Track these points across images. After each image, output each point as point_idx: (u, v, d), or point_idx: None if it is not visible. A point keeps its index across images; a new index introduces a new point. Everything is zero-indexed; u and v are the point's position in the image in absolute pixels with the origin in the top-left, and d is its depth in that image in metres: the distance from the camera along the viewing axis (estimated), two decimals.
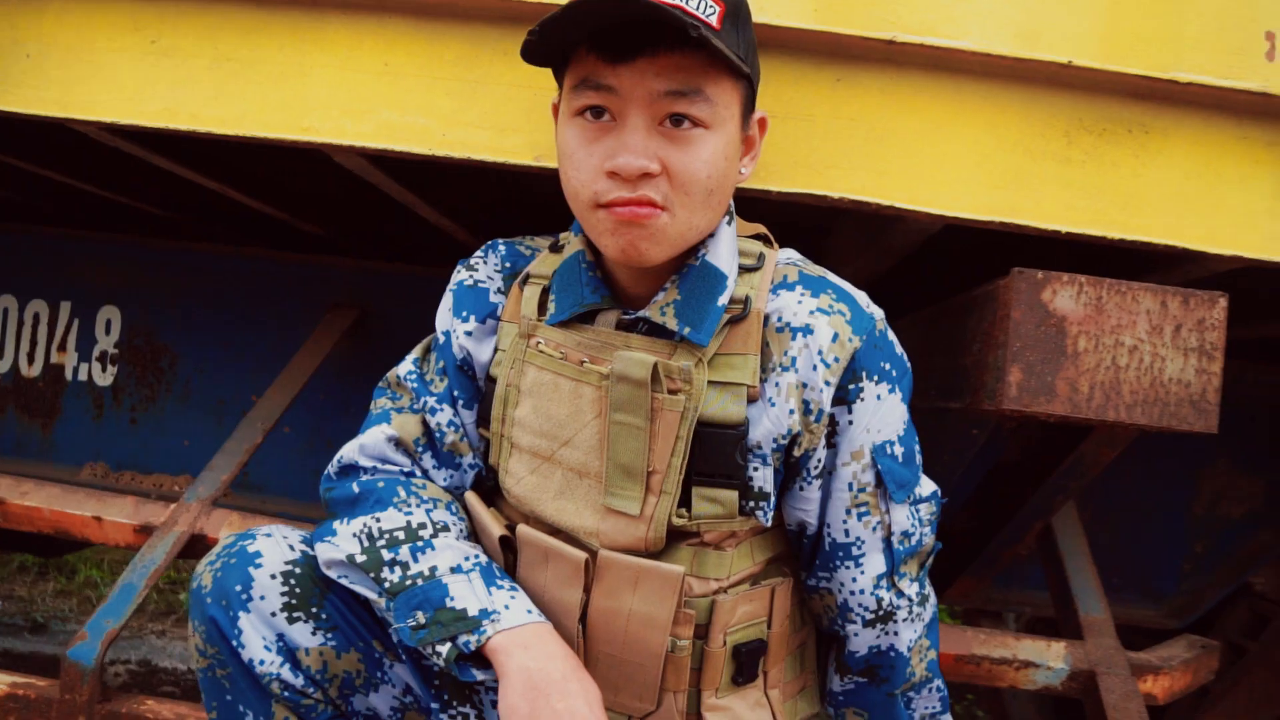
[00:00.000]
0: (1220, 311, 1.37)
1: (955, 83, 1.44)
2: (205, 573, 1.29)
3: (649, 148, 1.14)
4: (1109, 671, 1.68)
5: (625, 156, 1.13)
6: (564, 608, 1.26)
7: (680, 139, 1.15)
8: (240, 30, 1.50)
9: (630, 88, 1.13)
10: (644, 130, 1.14)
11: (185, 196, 2.34)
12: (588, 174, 1.16)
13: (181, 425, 2.41)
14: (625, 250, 1.17)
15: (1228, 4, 1.40)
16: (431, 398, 1.36)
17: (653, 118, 1.14)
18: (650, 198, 1.14)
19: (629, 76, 1.13)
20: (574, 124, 1.18)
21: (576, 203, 1.20)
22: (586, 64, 1.15)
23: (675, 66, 1.13)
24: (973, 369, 1.50)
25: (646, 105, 1.14)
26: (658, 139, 1.15)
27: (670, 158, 1.14)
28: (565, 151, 1.19)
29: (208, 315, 2.41)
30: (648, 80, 1.13)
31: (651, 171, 1.13)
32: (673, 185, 1.15)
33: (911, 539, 1.30)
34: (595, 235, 1.21)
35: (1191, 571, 2.37)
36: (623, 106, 1.15)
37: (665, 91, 1.13)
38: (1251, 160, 1.45)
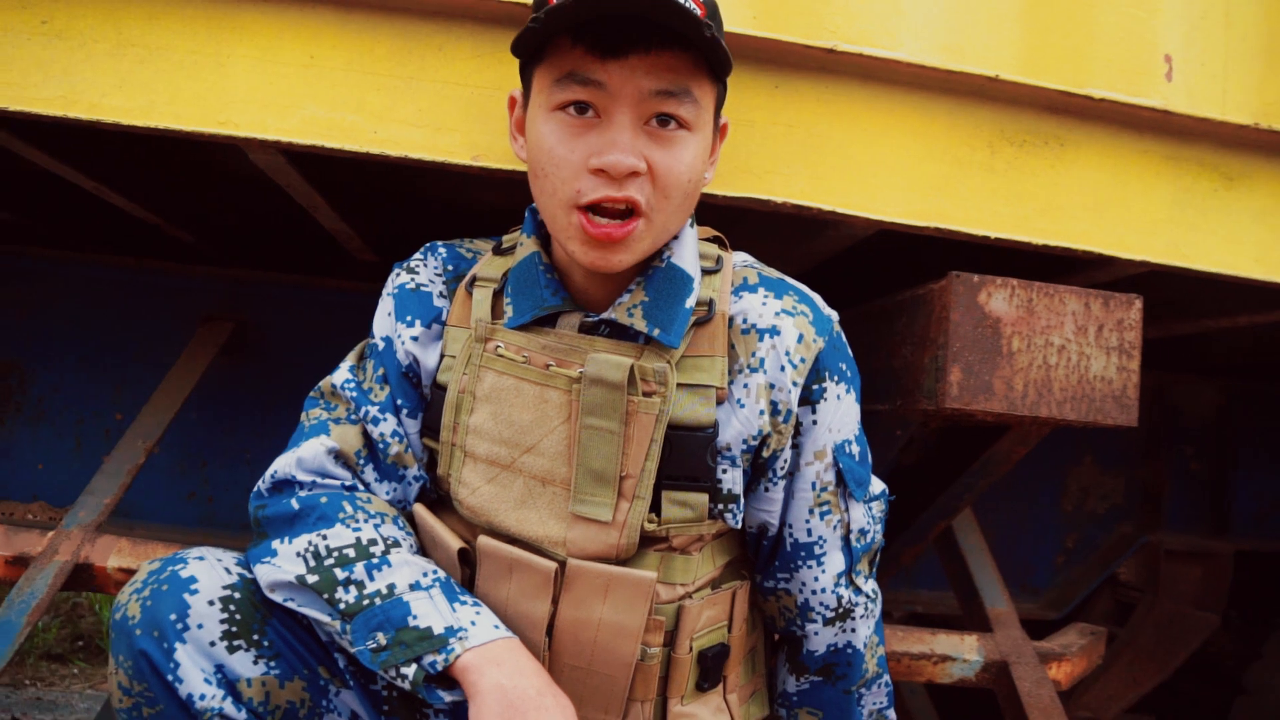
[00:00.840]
0: (1136, 312, 1.46)
1: (888, 92, 1.48)
2: (131, 601, 1.18)
3: (636, 146, 1.12)
4: (1019, 661, 1.75)
5: (615, 154, 1.10)
6: (529, 621, 1.21)
7: (665, 139, 1.14)
8: (146, 15, 1.39)
9: (620, 85, 1.11)
10: (631, 129, 1.12)
11: (40, 199, 2.15)
12: (569, 171, 1.13)
13: (33, 448, 2.20)
14: (595, 263, 1.15)
15: (1132, 27, 1.50)
16: (373, 407, 1.29)
17: (639, 116, 1.13)
18: (634, 199, 1.12)
19: (619, 73, 1.11)
20: (554, 119, 1.14)
21: (552, 199, 1.16)
22: (572, 57, 1.12)
23: (665, 66, 1.11)
24: (904, 371, 1.54)
25: (635, 103, 1.12)
26: (643, 138, 1.13)
27: (655, 158, 1.13)
28: (542, 146, 1.15)
29: (63, 328, 2.22)
30: (638, 78, 1.11)
31: (639, 170, 1.11)
32: (655, 186, 1.14)
33: (867, 536, 1.32)
34: (564, 238, 1.17)
35: (1064, 565, 2.51)
36: (609, 103, 1.12)
37: (655, 91, 1.11)
38: (1153, 172, 1.55)
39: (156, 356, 2.20)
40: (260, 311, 2.23)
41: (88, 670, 3.84)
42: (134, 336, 2.23)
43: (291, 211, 2.00)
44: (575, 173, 1.13)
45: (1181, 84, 1.51)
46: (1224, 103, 1.53)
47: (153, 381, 2.07)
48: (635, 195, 1.12)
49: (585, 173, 1.12)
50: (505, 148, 1.42)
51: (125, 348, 2.22)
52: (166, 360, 2.14)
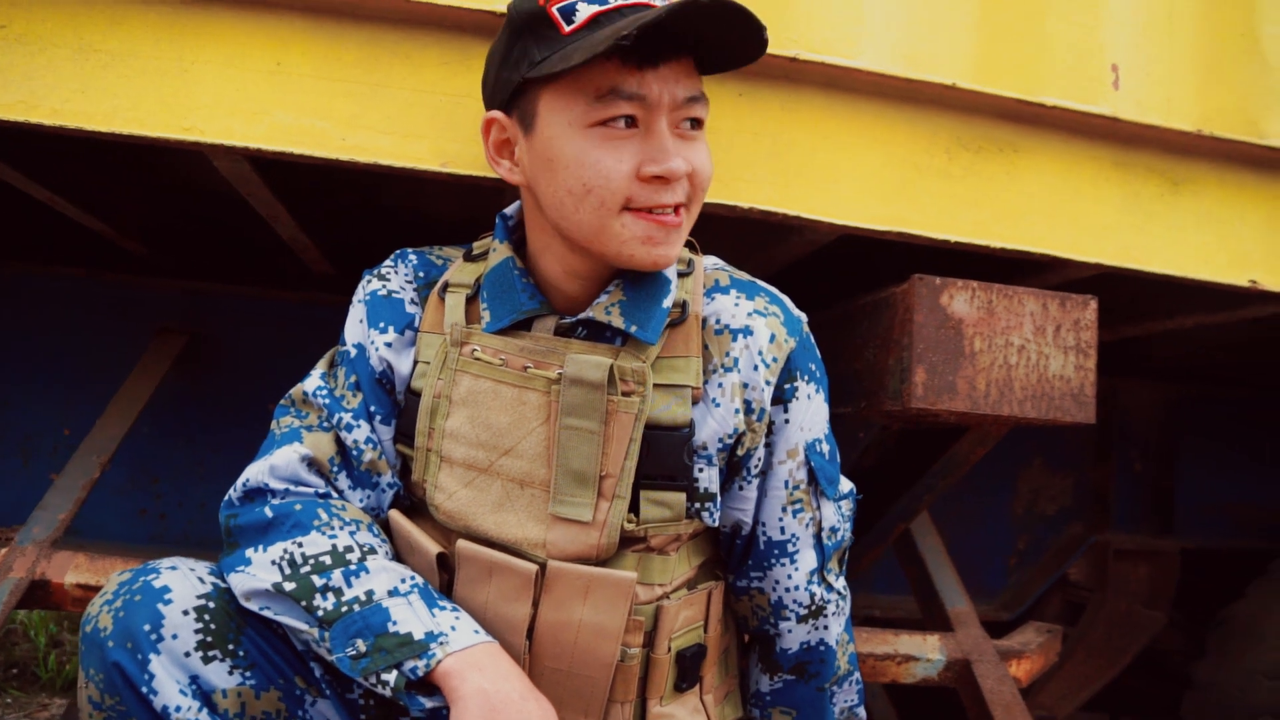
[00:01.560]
0: (1092, 313, 1.50)
1: (850, 100, 1.51)
2: (103, 613, 1.15)
3: (679, 150, 1.16)
4: (981, 659, 1.78)
5: (674, 161, 1.14)
6: (509, 624, 1.21)
7: (694, 140, 1.19)
8: (108, 20, 1.37)
9: (658, 94, 1.14)
10: (670, 135, 1.16)
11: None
12: (620, 181, 1.14)
13: None
14: (658, 260, 1.18)
15: (1080, 38, 1.55)
16: (346, 414, 1.28)
17: (673, 122, 1.16)
18: (682, 201, 1.17)
19: (657, 83, 1.14)
20: (593, 134, 1.14)
21: (598, 212, 1.15)
22: (607, 72, 1.12)
23: (687, 71, 1.17)
24: (867, 373, 1.57)
25: (670, 110, 1.16)
26: (679, 142, 1.17)
27: (691, 159, 1.17)
28: (585, 161, 1.14)
29: (9, 341, 2.17)
30: (671, 85, 1.14)
31: (689, 173, 1.16)
32: (691, 185, 1.18)
33: (837, 534, 1.34)
34: (616, 244, 1.17)
35: (1017, 566, 2.56)
36: (649, 113, 1.15)
37: (686, 97, 1.16)
38: (1103, 178, 1.60)
39: (107, 370, 2.16)
40: (215, 323, 2.21)
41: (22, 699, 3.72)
42: (84, 349, 2.19)
43: (247, 223, 1.98)
44: (626, 181, 1.14)
45: (1128, 92, 1.56)
46: (1169, 110, 1.59)
47: (103, 396, 2.03)
48: (682, 199, 1.17)
49: (634, 180, 1.14)
50: (474, 154, 1.43)
51: (75, 361, 2.18)
52: (117, 374, 2.10)
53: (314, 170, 1.52)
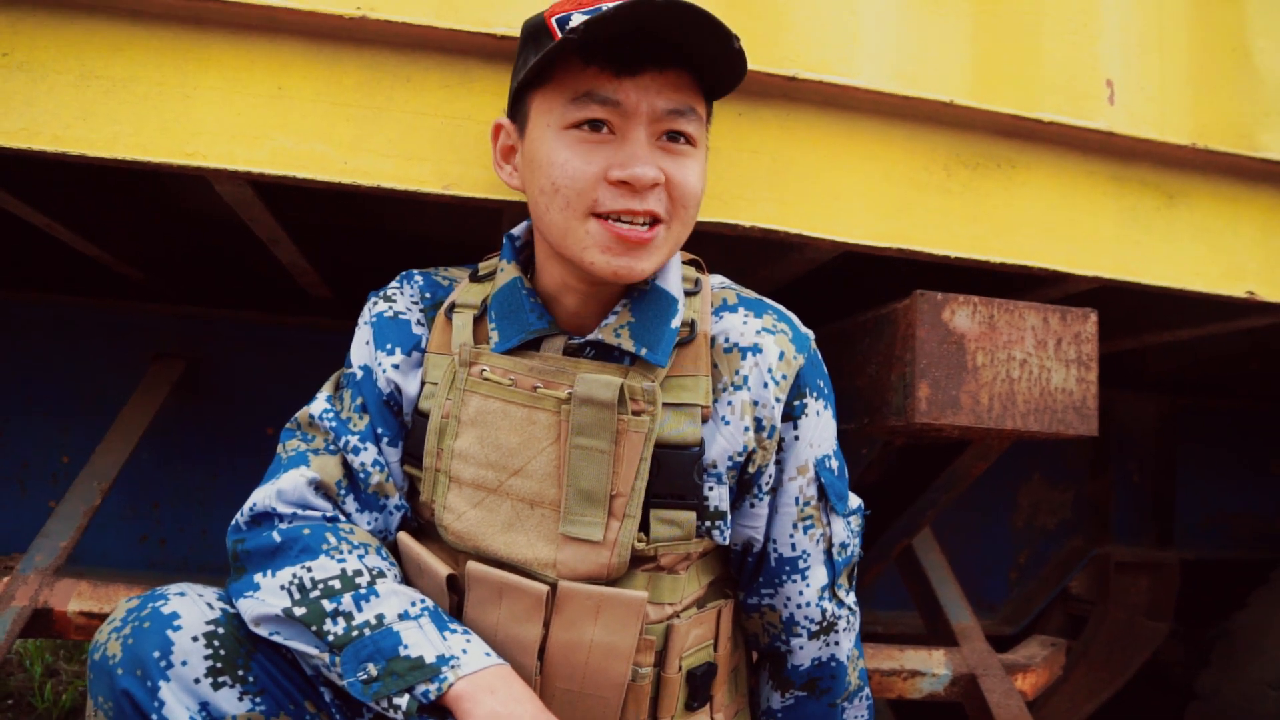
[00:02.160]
0: (1092, 326, 1.51)
1: (848, 118, 1.52)
2: (111, 640, 1.15)
3: (654, 160, 1.16)
4: (987, 674, 1.78)
5: (640, 167, 1.14)
6: (520, 645, 1.21)
7: (677, 153, 1.18)
8: (110, 47, 1.38)
9: (635, 102, 1.15)
10: (647, 144, 1.16)
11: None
12: (585, 182, 1.15)
13: None
14: (619, 271, 1.17)
15: (1075, 53, 1.57)
16: (353, 436, 1.28)
17: (653, 133, 1.17)
18: (655, 211, 1.16)
19: (634, 91, 1.15)
20: (566, 135, 1.16)
21: (564, 213, 1.17)
22: (585, 77, 1.15)
23: (673, 85, 1.16)
24: (870, 389, 1.58)
25: (649, 120, 1.16)
26: (658, 153, 1.17)
27: (670, 171, 1.17)
28: (555, 162, 1.16)
29: (7, 369, 2.16)
30: (651, 96, 1.15)
31: (659, 182, 1.15)
32: (671, 199, 1.18)
33: (847, 550, 1.34)
34: (579, 249, 1.18)
35: (1018, 580, 2.56)
36: (624, 121, 1.16)
37: (667, 110, 1.16)
38: (1100, 192, 1.61)
39: (105, 397, 2.16)
40: (213, 348, 2.20)
41: None
42: (82, 376, 2.18)
43: (246, 247, 1.98)
44: (592, 184, 1.15)
45: (1123, 107, 1.58)
46: (1163, 124, 1.60)
47: (101, 423, 2.03)
48: (655, 207, 1.16)
49: (603, 184, 1.15)
50: (476, 176, 1.43)
51: (73, 388, 2.18)
52: (116, 401, 2.09)
53: (314, 194, 1.53)
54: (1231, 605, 2.48)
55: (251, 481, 1.29)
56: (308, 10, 1.35)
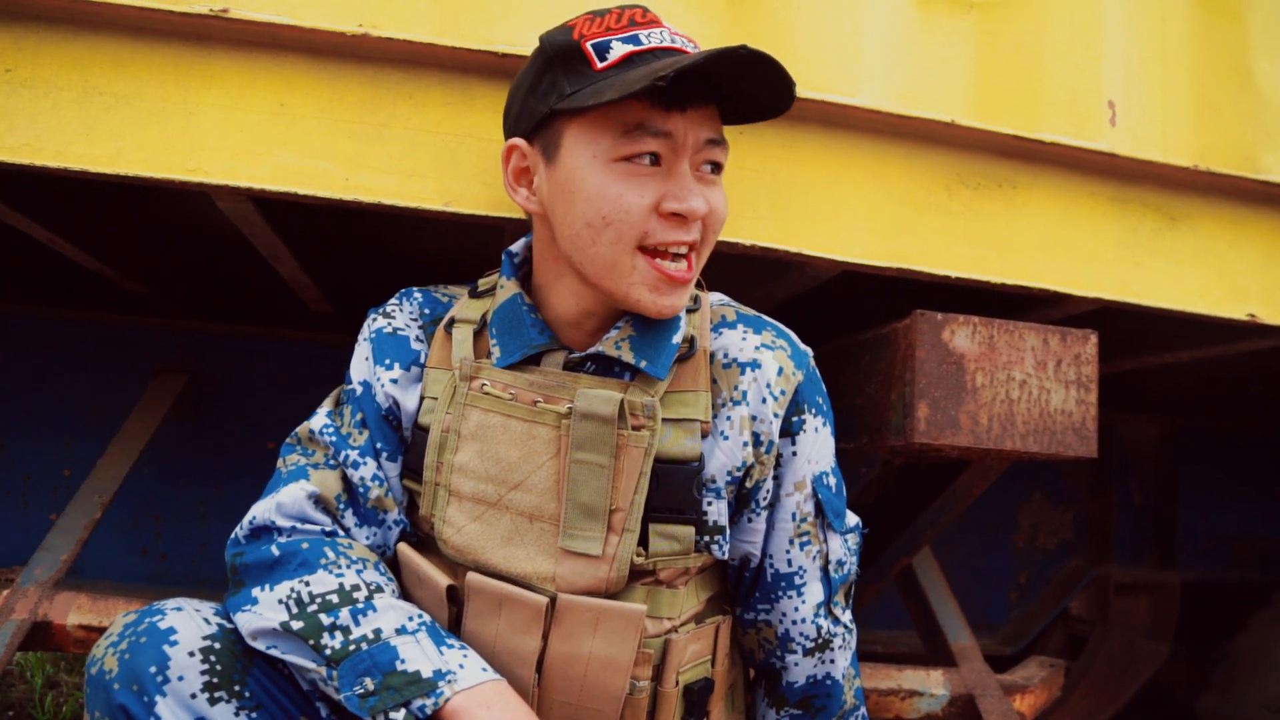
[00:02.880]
0: (1092, 347, 1.51)
1: (849, 138, 1.53)
2: (108, 655, 1.15)
3: (700, 191, 1.18)
4: (985, 694, 1.77)
5: (694, 200, 1.16)
6: (518, 657, 1.21)
7: (712, 184, 1.21)
8: (113, 63, 1.38)
9: (684, 135, 1.16)
10: (691, 176, 1.18)
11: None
12: (638, 215, 1.16)
13: None
14: (664, 310, 1.19)
15: (1077, 74, 1.57)
16: (353, 451, 1.28)
17: (695, 164, 1.19)
18: (696, 240, 1.19)
19: (683, 124, 1.16)
20: (616, 168, 1.16)
21: (614, 246, 1.17)
22: (638, 109, 1.15)
23: (710, 118, 1.19)
24: (869, 408, 1.57)
25: (693, 152, 1.18)
26: (698, 184, 1.19)
27: (711, 200, 1.19)
28: (606, 195, 1.16)
29: (9, 383, 2.17)
30: (695, 128, 1.17)
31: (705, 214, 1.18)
32: (705, 227, 1.20)
33: (844, 567, 1.34)
34: (625, 285, 1.18)
35: (1018, 600, 2.56)
36: (673, 153, 1.17)
37: (708, 140, 1.18)
38: (1101, 213, 1.62)
39: (107, 410, 2.16)
40: (215, 363, 2.21)
41: None
42: (84, 390, 2.18)
43: (247, 263, 1.98)
44: (644, 217, 1.16)
45: (1125, 128, 1.58)
46: (1165, 146, 1.60)
47: (103, 436, 2.03)
48: (697, 236, 1.19)
49: (653, 216, 1.16)
50: (477, 193, 1.44)
51: (75, 402, 2.18)
52: (117, 414, 2.10)
53: (316, 210, 1.53)
54: (1232, 627, 2.47)
55: (252, 495, 1.30)
56: (310, 27, 1.36)
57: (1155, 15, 1.61)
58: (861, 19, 1.49)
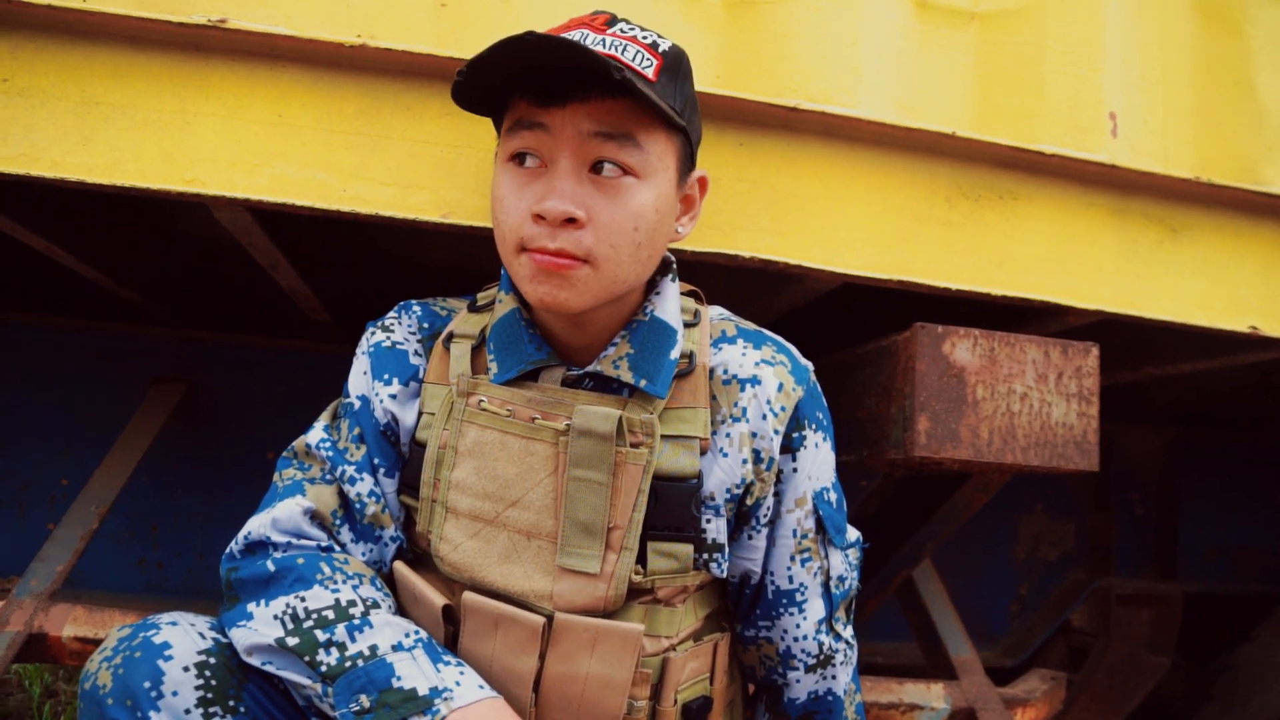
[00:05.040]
0: (1093, 360, 1.50)
1: (849, 149, 1.52)
2: (102, 670, 1.14)
3: (578, 194, 1.13)
4: (986, 708, 1.76)
5: (552, 200, 1.12)
6: (515, 676, 1.20)
7: (609, 187, 1.14)
8: (110, 73, 1.38)
9: (561, 128, 1.13)
10: (573, 176, 1.14)
11: None
12: (516, 218, 1.15)
13: None
14: (544, 299, 1.15)
15: (1078, 86, 1.56)
16: (349, 466, 1.27)
17: (582, 162, 1.14)
18: (568, 250, 1.12)
19: (560, 116, 1.13)
20: (506, 169, 1.17)
21: (503, 248, 1.19)
22: (519, 108, 1.15)
23: (609, 110, 1.13)
24: (870, 422, 1.57)
25: (577, 147, 1.13)
26: (588, 186, 1.14)
27: (597, 207, 1.14)
28: (496, 196, 1.18)
29: (4, 392, 2.16)
30: (578, 120, 1.13)
31: (576, 218, 1.12)
32: (598, 236, 1.14)
33: (845, 583, 1.33)
34: (518, 281, 1.19)
35: (1019, 612, 2.54)
36: (553, 150, 1.14)
37: (595, 132, 1.13)
38: (1102, 225, 1.61)
39: (104, 420, 2.15)
40: (212, 373, 2.20)
41: None
42: (80, 400, 2.18)
43: (245, 272, 1.98)
44: (521, 219, 1.15)
45: (1126, 140, 1.57)
46: (1166, 157, 1.60)
47: (100, 446, 2.02)
48: (569, 248, 1.12)
49: (529, 219, 1.14)
50: (475, 205, 1.43)
51: (71, 412, 2.17)
52: (114, 424, 2.09)
53: (314, 220, 1.52)
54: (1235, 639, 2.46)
55: (249, 505, 1.29)
56: (308, 38, 1.35)
57: (1156, 27, 1.60)
58: (861, 30, 1.49)
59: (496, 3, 1.41)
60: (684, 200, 1.26)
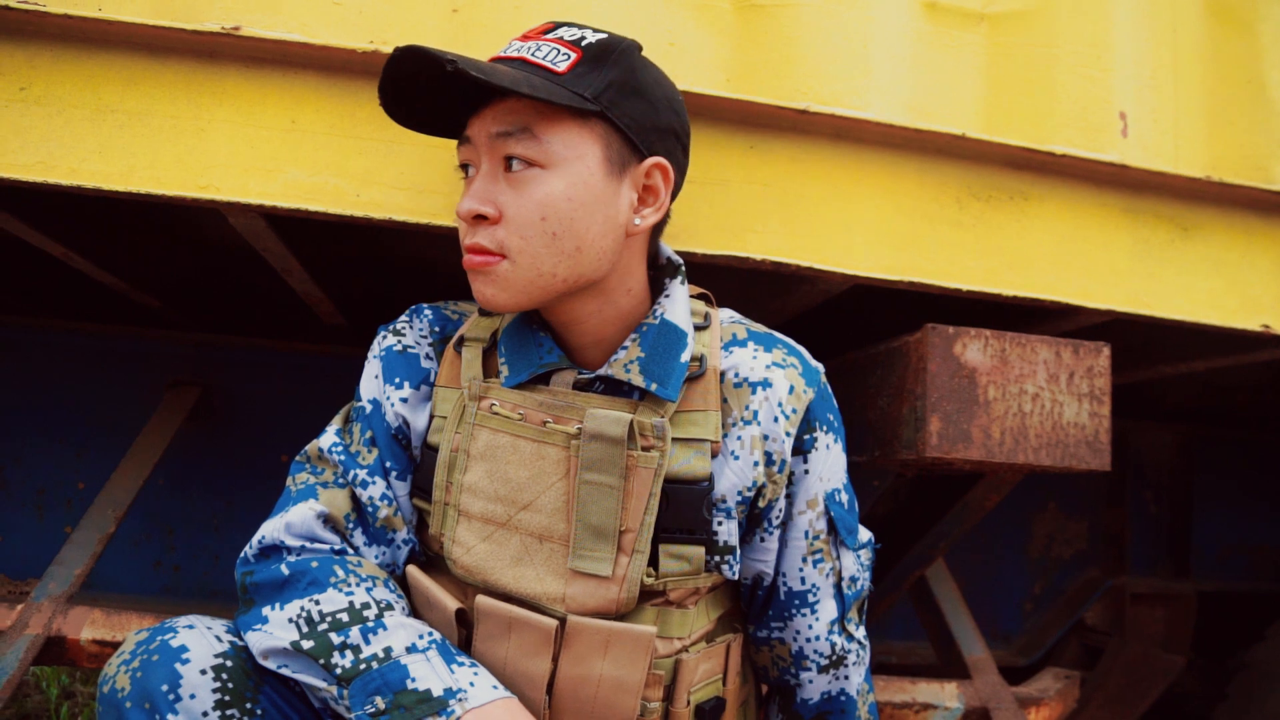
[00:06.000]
0: (1105, 359, 1.50)
1: (859, 151, 1.52)
2: (120, 673, 1.15)
3: (489, 192, 1.17)
4: (999, 707, 1.76)
5: (465, 202, 1.17)
6: (529, 679, 1.20)
7: (516, 181, 1.17)
8: (125, 80, 1.39)
9: (477, 135, 1.18)
10: (488, 176, 1.18)
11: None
12: (460, 224, 1.20)
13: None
14: (477, 297, 1.20)
15: (1088, 86, 1.56)
16: (361, 470, 1.28)
17: (496, 163, 1.18)
18: (481, 245, 1.17)
19: (477, 125, 1.19)
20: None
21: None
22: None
23: (508, 110, 1.17)
24: (881, 423, 1.57)
25: (489, 150, 1.18)
26: (501, 184, 1.17)
27: (506, 201, 1.17)
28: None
29: (23, 396, 2.18)
30: (487, 124, 1.17)
31: (484, 214, 1.16)
32: (509, 230, 1.16)
33: (857, 584, 1.34)
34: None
35: (1033, 611, 2.54)
36: (478, 157, 1.19)
37: (497, 133, 1.17)
38: (1113, 225, 1.61)
39: (120, 423, 2.17)
40: (226, 376, 2.22)
41: None
42: (97, 403, 2.19)
43: (259, 276, 1.99)
44: (461, 225, 1.20)
45: (1136, 139, 1.57)
46: (1177, 157, 1.60)
47: (117, 449, 2.04)
48: (481, 242, 1.17)
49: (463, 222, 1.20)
50: None
51: (88, 415, 2.19)
52: (130, 427, 2.11)
53: (328, 225, 1.53)
54: (1250, 638, 2.45)
55: (265, 507, 1.30)
56: (321, 45, 1.36)
57: (1167, 26, 1.60)
58: (871, 32, 1.49)
59: (507, 8, 1.42)
60: (645, 190, 1.23)
